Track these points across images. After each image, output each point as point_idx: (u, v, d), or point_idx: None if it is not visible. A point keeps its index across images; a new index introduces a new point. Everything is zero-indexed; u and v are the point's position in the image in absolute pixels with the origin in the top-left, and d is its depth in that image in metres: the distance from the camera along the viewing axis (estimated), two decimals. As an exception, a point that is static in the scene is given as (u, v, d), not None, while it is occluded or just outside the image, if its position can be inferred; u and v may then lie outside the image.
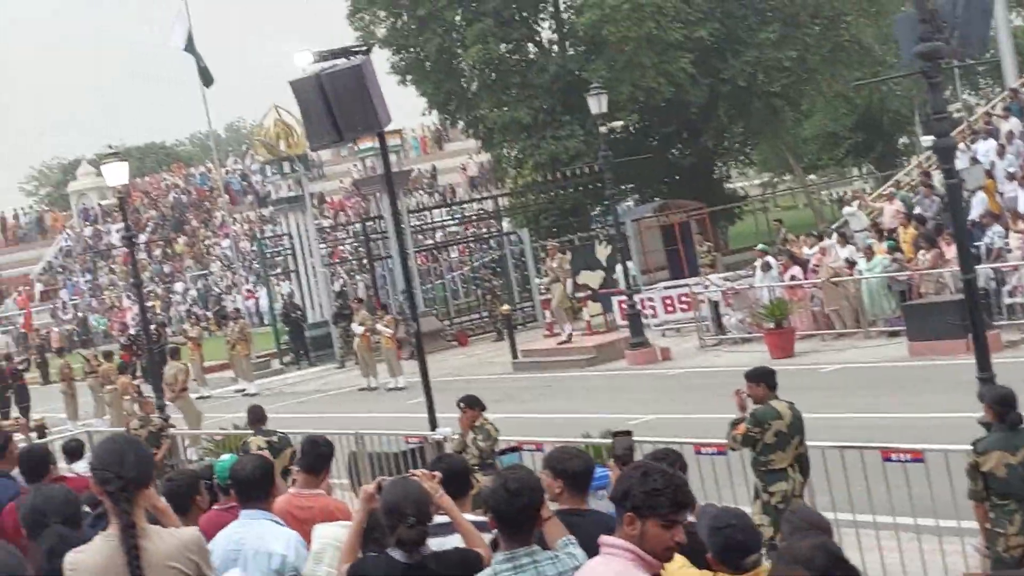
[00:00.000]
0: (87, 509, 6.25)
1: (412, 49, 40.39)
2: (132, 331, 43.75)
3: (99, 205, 68.53)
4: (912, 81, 45.66)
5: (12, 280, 65.80)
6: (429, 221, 40.23)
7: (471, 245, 39.36)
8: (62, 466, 10.80)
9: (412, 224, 36.49)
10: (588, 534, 4.71)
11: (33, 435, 21.78)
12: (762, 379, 9.74)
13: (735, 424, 9.67)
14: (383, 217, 34.96)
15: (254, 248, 50.32)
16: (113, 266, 61.96)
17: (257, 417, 14.31)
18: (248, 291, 50.26)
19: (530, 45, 41.84)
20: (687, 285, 27.81)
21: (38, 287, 63.66)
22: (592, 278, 29.91)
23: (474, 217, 42.33)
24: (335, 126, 14.04)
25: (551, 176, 38.35)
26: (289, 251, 36.66)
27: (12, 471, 8.72)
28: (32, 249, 69.28)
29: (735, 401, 9.69)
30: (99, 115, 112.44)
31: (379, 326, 27.57)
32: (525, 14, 40.48)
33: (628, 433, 6.46)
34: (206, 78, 44.60)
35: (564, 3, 41.91)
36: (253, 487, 5.98)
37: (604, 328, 28.20)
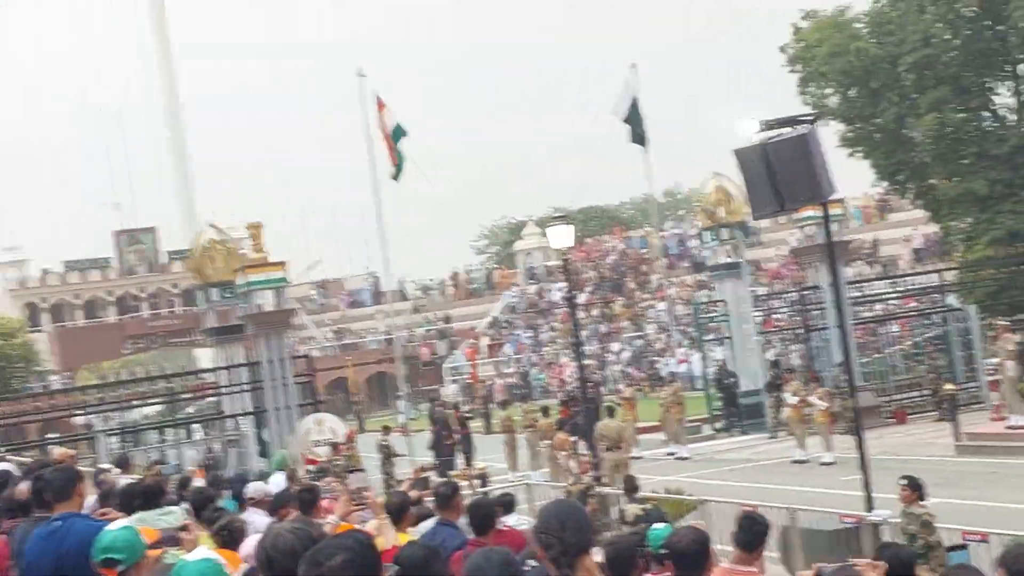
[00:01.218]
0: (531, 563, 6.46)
1: (861, 123, 39.35)
2: (569, 388, 45.20)
3: (544, 265, 71.63)
4: None
5: (462, 332, 69.87)
6: (869, 293, 39.04)
7: (912, 320, 37.78)
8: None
9: (851, 295, 35.52)
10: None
11: (476, 483, 22.96)
12: None
13: None
14: (820, 287, 34.31)
15: (689, 313, 50.78)
16: (554, 323, 64.37)
17: (631, 487, 15.07)
18: (682, 355, 50.68)
19: (986, 113, 39.73)
20: None
21: (484, 340, 67.14)
22: (1048, 360, 27.85)
23: (917, 290, 40.63)
24: (777, 195, 13.98)
25: (1008, 252, 36.09)
26: (724, 318, 36.72)
27: (457, 520, 9.22)
28: (481, 304, 73.32)
29: None
30: (546, 177, 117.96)
31: (812, 398, 26.99)
32: (984, 80, 38.44)
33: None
34: (639, 140, 46.66)
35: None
36: (690, 560, 5.98)
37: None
